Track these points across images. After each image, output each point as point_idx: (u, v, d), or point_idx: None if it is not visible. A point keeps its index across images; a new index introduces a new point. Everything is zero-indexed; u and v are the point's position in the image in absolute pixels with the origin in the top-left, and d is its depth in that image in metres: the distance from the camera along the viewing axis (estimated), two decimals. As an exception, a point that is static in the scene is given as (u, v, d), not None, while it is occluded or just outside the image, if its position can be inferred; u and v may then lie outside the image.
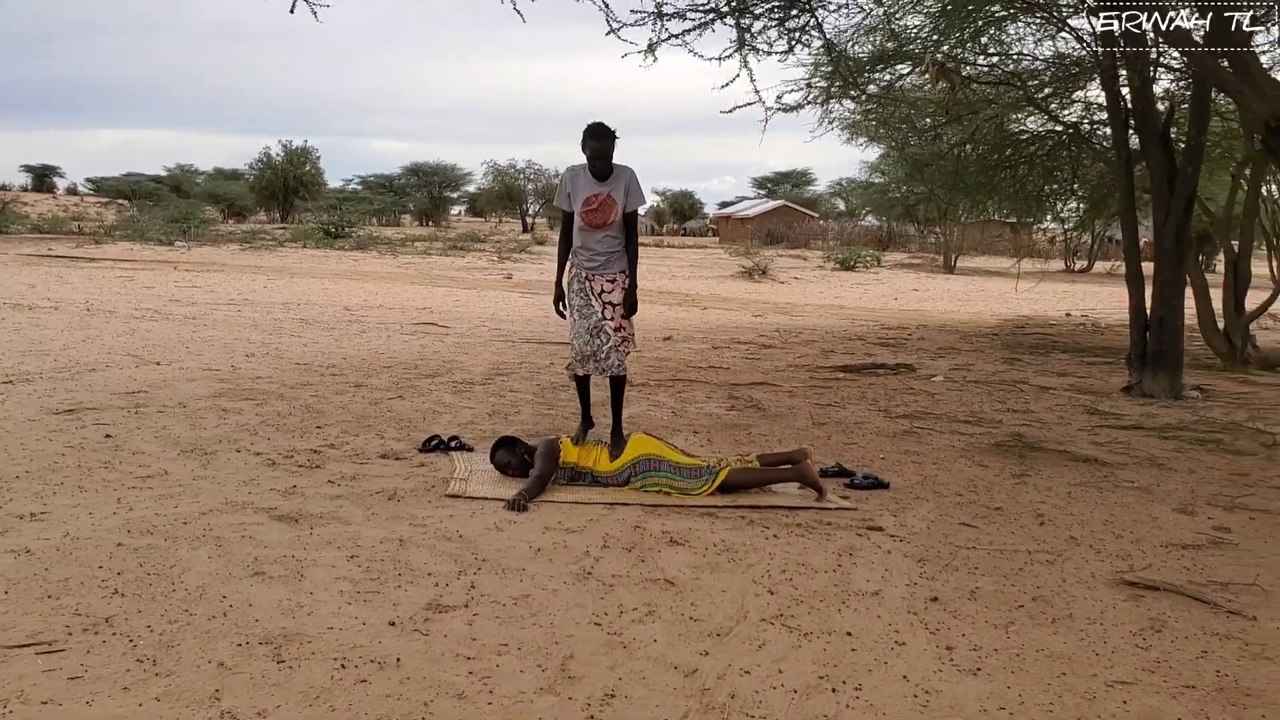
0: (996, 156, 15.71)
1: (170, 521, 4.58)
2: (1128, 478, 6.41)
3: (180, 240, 33.36)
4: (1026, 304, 22.76)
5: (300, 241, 37.61)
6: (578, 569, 4.24)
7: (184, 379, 8.33)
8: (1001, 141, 15.52)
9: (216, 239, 36.23)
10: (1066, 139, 14.85)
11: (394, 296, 18.08)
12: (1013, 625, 3.83)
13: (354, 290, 19.08)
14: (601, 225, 6.11)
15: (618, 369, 6.23)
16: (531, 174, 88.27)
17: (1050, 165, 15.86)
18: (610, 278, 6.20)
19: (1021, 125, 15.88)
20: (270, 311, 14.24)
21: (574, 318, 6.23)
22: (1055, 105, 14.70)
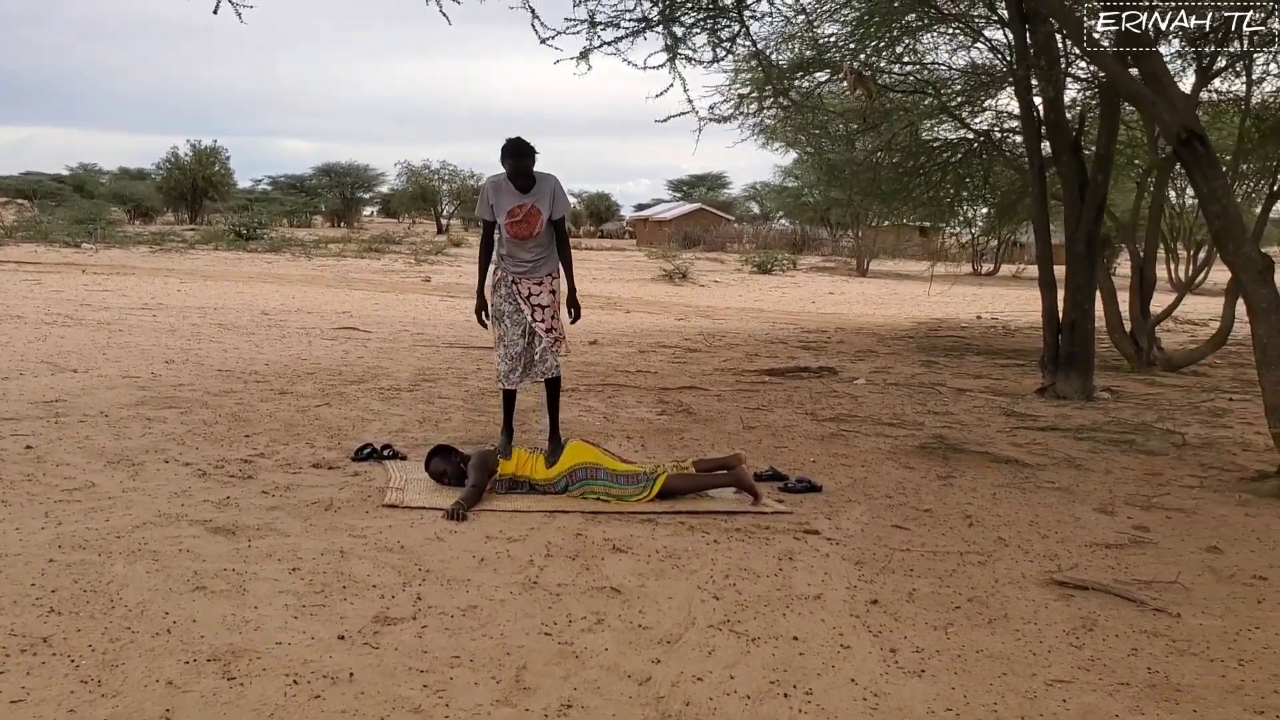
0: (911, 163, 16.02)
1: (102, 536, 4.48)
2: (1048, 479, 6.61)
3: (87, 242, 32.45)
4: (938, 307, 23.22)
5: (211, 243, 36.84)
6: (523, 578, 4.25)
7: (103, 387, 8.13)
8: (916, 149, 15.83)
9: (124, 241, 35.31)
10: (978, 146, 15.21)
11: (312, 300, 17.82)
12: (951, 627, 3.93)
13: (270, 294, 18.76)
14: (527, 236, 6.14)
15: (554, 370, 6.27)
16: (446, 175, 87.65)
17: (962, 172, 16.21)
18: (538, 280, 6.24)
19: (934, 133, 16.23)
20: (186, 316, 13.94)
21: (504, 325, 6.24)
22: (967, 114, 15.07)
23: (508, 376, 6.24)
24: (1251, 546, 5.25)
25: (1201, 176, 6.75)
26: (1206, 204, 6.82)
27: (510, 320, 6.19)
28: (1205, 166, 6.74)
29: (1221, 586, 4.58)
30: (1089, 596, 4.35)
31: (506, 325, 6.20)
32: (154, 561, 4.19)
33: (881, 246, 42.88)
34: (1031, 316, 21.08)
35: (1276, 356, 6.61)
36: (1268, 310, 6.64)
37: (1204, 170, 6.73)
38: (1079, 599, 4.33)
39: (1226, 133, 15.75)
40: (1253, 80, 12.29)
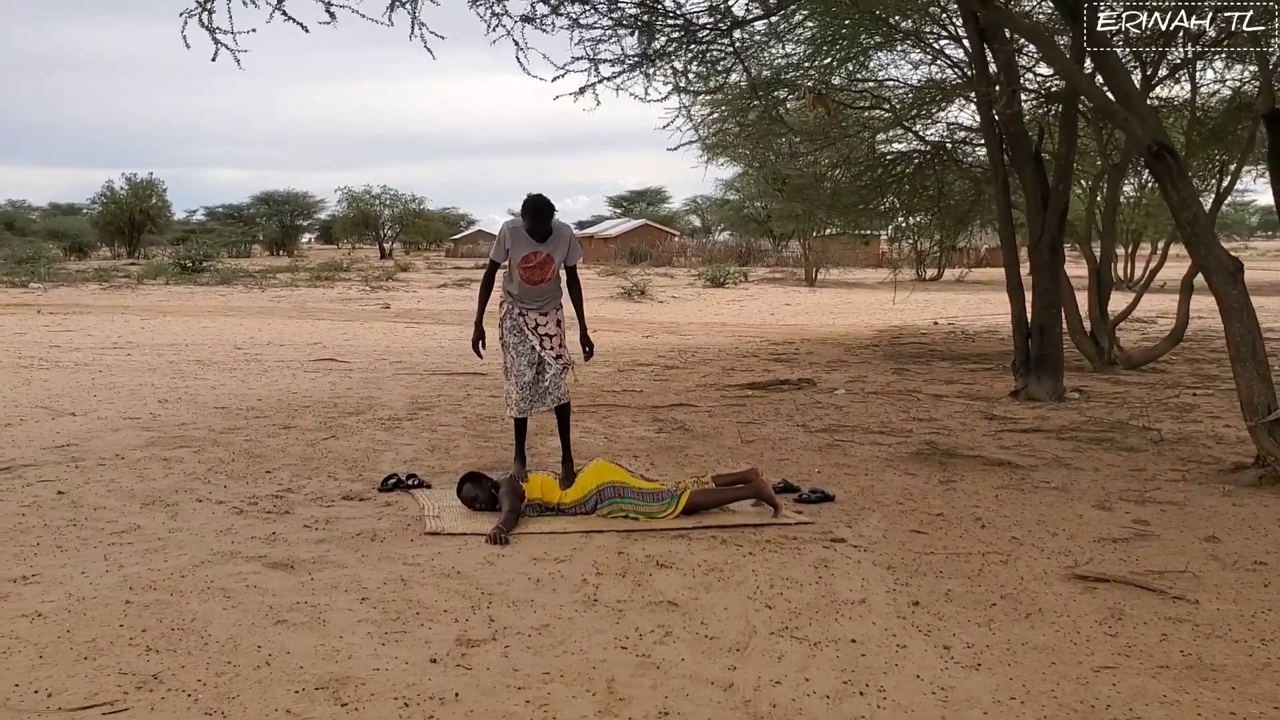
0: (868, 176, 16.42)
1: (167, 576, 4.61)
2: (1043, 479, 6.93)
3: (34, 282, 32.01)
4: (894, 315, 23.69)
5: (156, 277, 36.50)
6: (582, 597, 4.45)
7: (108, 429, 8.20)
8: (873, 162, 16.24)
9: (71, 279, 34.84)
10: (932, 157, 15.65)
11: (279, 332, 17.83)
12: (993, 623, 4.20)
13: (235, 327, 18.72)
14: (540, 281, 6.48)
15: (565, 396, 6.55)
16: (388, 199, 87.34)
17: (916, 183, 16.63)
18: (543, 311, 6.56)
19: (889, 146, 16.65)
20: (161, 354, 13.93)
21: (511, 356, 6.51)
22: (921, 126, 15.50)
23: (518, 405, 6.49)
24: (1246, 535, 5.59)
25: (1172, 186, 7.12)
26: (1178, 212, 7.20)
27: (516, 351, 6.47)
28: (1175, 177, 7.12)
29: (1228, 574, 4.89)
30: (1111, 588, 4.65)
31: (513, 356, 6.47)
32: (227, 598, 4.34)
33: (828, 256, 43.41)
34: (985, 320, 21.65)
35: (1249, 353, 6.99)
36: (1239, 309, 7.02)
37: (1174, 180, 7.11)
38: (1102, 591, 4.62)
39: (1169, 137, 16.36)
40: (1196, 86, 12.82)
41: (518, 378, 6.50)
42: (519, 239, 6.48)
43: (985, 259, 54.54)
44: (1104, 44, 7.12)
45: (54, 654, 3.71)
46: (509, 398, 6.59)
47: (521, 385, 6.49)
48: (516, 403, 6.54)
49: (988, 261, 55.76)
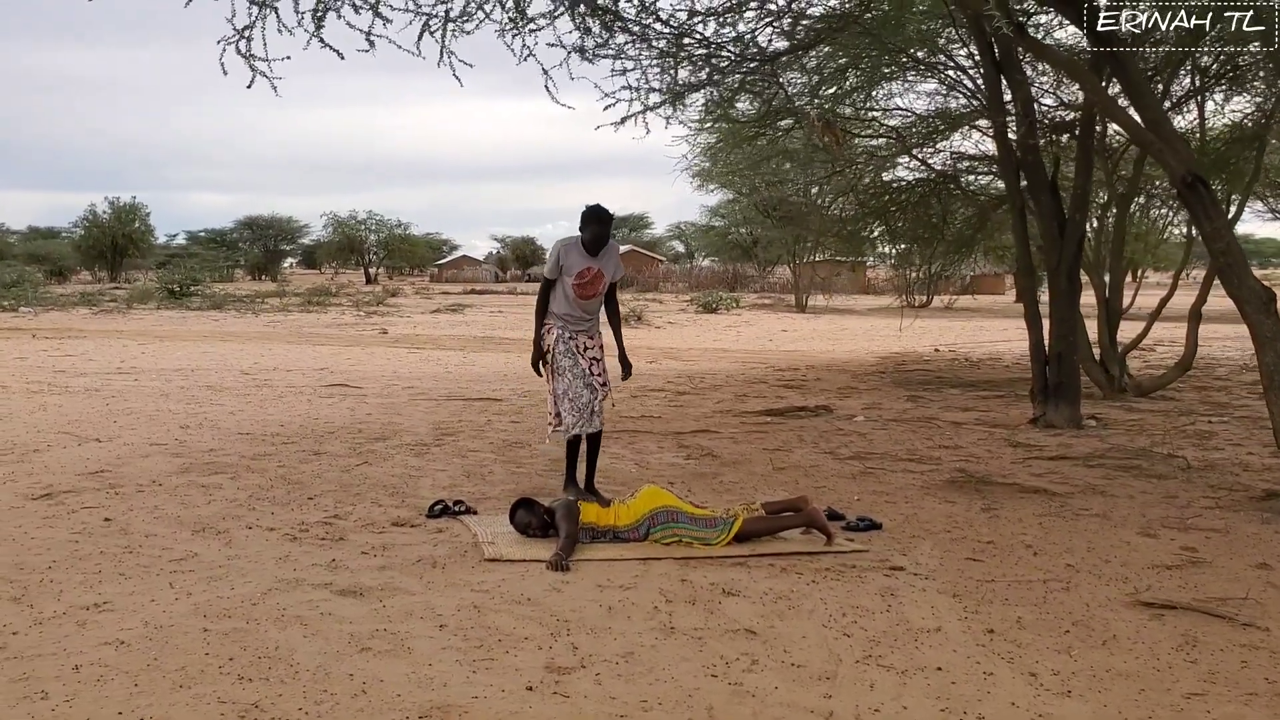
0: (873, 204, 16.55)
1: (238, 604, 4.59)
2: (1081, 506, 6.97)
3: (25, 306, 31.82)
4: (893, 341, 23.80)
5: (145, 302, 36.39)
6: (657, 624, 4.46)
7: (137, 456, 8.15)
8: (879, 190, 16.37)
9: (60, 303, 34.66)
10: (937, 185, 15.79)
11: (282, 358, 17.77)
12: (1072, 650, 4.22)
13: (237, 353, 18.65)
14: (592, 296, 6.61)
15: (602, 424, 6.66)
16: (373, 225, 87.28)
17: (921, 211, 16.76)
18: (590, 335, 6.71)
19: (893, 174, 16.79)
20: (170, 379, 13.87)
21: (567, 379, 6.57)
22: (928, 154, 15.63)
23: (576, 426, 6.55)
24: (1296, 562, 5.64)
25: (1205, 216, 7.22)
26: (1210, 242, 7.29)
27: (572, 374, 6.55)
28: (1209, 207, 7.22)
29: (1290, 600, 4.94)
30: (1179, 615, 4.68)
31: (569, 379, 6.54)
32: (304, 626, 4.32)
33: (827, 283, 43.70)
34: (986, 347, 21.79)
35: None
36: (1272, 339, 7.09)
37: (1207, 210, 7.21)
38: (1169, 618, 4.65)
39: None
40: (1204, 117, 12.99)
41: (573, 400, 6.57)
42: (573, 254, 6.64)
43: (971, 286, 55.07)
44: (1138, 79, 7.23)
45: (148, 683, 3.68)
46: (562, 420, 6.62)
47: (579, 408, 6.57)
48: (573, 425, 6.59)
49: (974, 289, 56.33)
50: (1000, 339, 24.95)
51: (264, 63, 7.81)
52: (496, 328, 27.81)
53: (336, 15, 7.70)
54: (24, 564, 5.16)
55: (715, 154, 24.16)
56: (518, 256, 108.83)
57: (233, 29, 7.70)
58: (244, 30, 7.73)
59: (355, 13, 7.68)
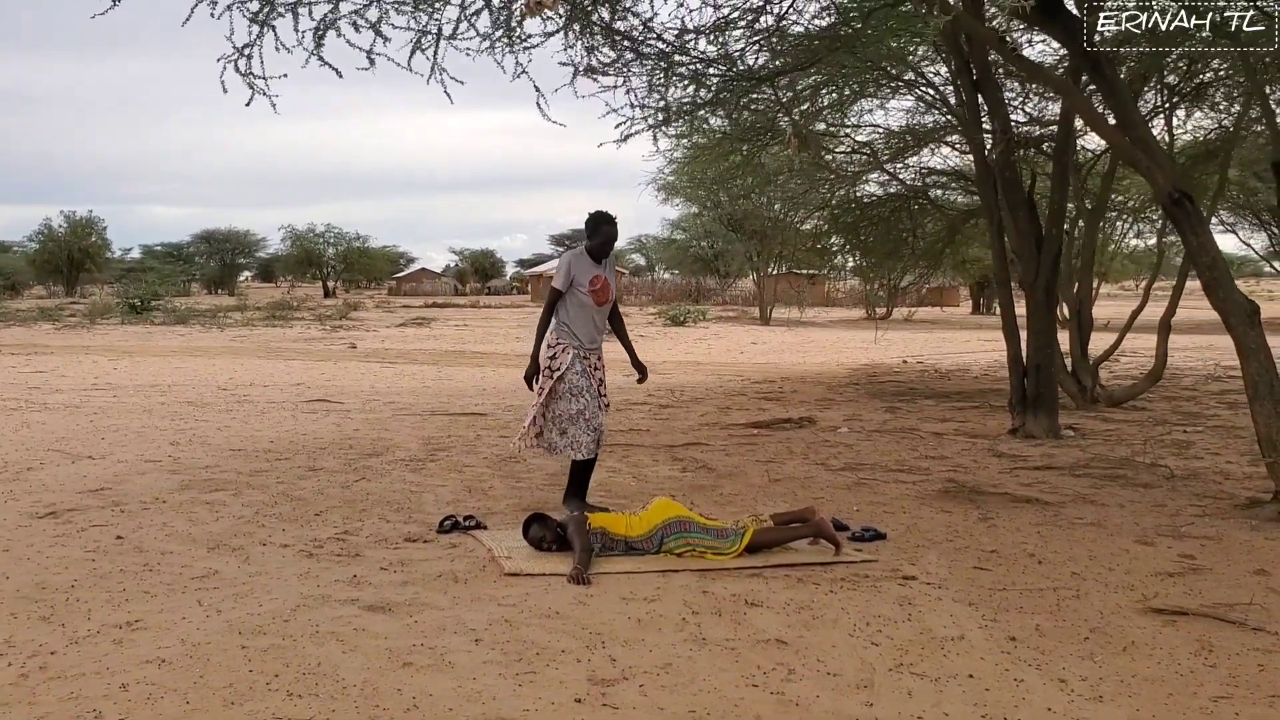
0: (847, 218, 16.77)
1: (269, 620, 4.62)
2: (1075, 515, 7.13)
3: (-15, 321, 31.40)
4: (861, 353, 24.06)
5: (104, 316, 36.00)
6: (688, 635, 4.53)
7: (134, 473, 8.12)
8: (852, 205, 16.61)
9: (20, 318, 34.20)
10: (909, 200, 16.04)
11: (256, 373, 17.67)
12: (1095, 656, 4.35)
13: (209, 368, 18.53)
14: (605, 302, 6.69)
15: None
16: (331, 237, 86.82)
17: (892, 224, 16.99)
18: (599, 354, 6.80)
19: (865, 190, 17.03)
20: (148, 395, 13.76)
21: (584, 400, 6.64)
22: (898, 169, 15.87)
23: (588, 448, 6.63)
24: (1291, 567, 5.82)
25: (1191, 231, 7.42)
26: (1196, 256, 7.49)
27: (589, 395, 6.61)
28: (1194, 223, 7.43)
29: (1293, 605, 5.10)
30: (1190, 621, 4.83)
31: (586, 400, 6.61)
32: (340, 642, 4.36)
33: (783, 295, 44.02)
34: (953, 359, 22.07)
35: (1267, 391, 7.28)
36: (1256, 350, 7.31)
37: (1193, 226, 7.41)
38: (1182, 624, 4.80)
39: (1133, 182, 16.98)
40: (1173, 133, 13.30)
41: (589, 420, 6.64)
42: (583, 264, 6.75)
43: (927, 299, 55.70)
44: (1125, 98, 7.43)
45: (200, 700, 3.71)
46: (576, 441, 6.68)
47: (594, 428, 6.65)
48: (587, 445, 6.67)
49: (929, 301, 56.98)
50: (964, 350, 25.27)
51: (262, 80, 7.85)
52: (466, 341, 27.77)
53: (337, 34, 7.74)
54: (45, 583, 5.15)
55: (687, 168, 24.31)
56: (477, 269, 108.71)
57: (232, 47, 7.72)
58: (243, 48, 7.75)
59: (356, 31, 7.72)
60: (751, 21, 8.94)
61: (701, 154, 15.74)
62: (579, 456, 6.76)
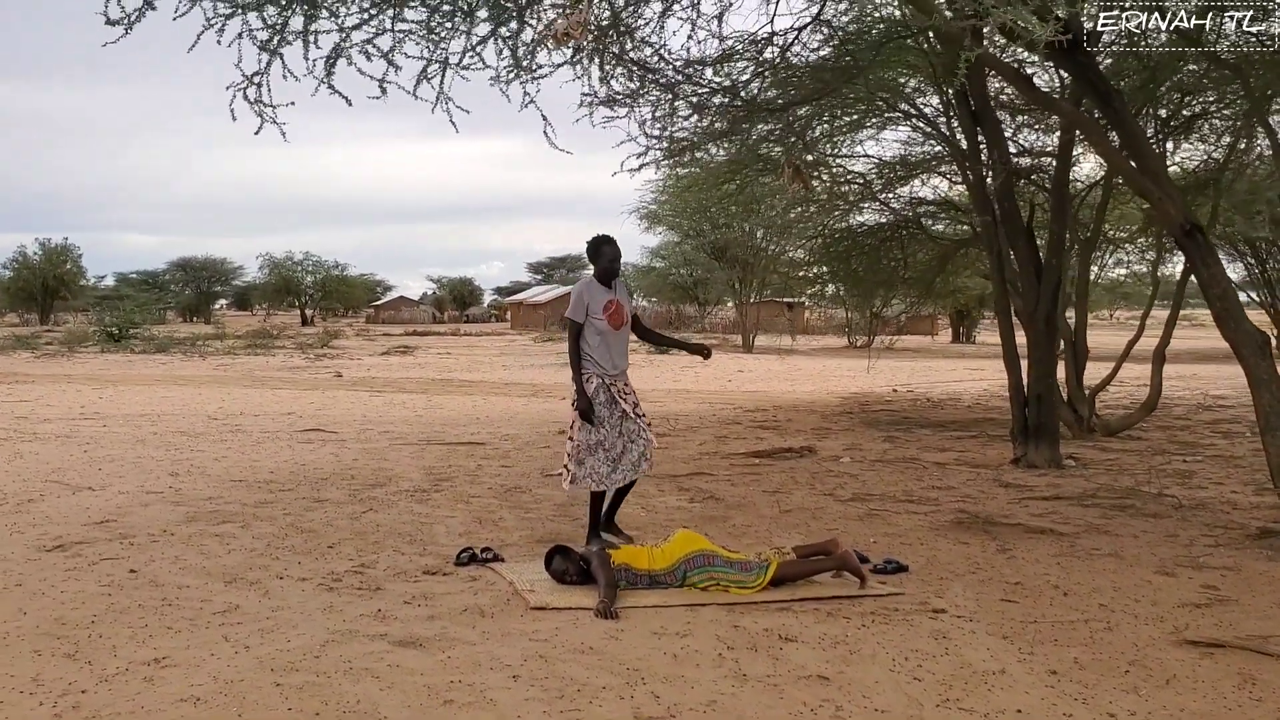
0: (839, 247, 16.84)
1: (300, 656, 4.53)
2: (1091, 546, 7.11)
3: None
4: (849, 381, 24.09)
5: (81, 344, 35.69)
6: (728, 672, 4.47)
7: (137, 505, 7.99)
8: (844, 234, 16.68)
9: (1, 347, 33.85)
10: (899, 230, 16.12)
11: (245, 402, 17.51)
12: (1139, 690, 4.32)
13: (196, 397, 18.35)
14: (621, 325, 6.71)
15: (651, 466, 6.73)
16: (310, 265, 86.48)
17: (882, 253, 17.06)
18: (625, 380, 6.72)
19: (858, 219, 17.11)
20: (138, 425, 13.60)
21: (604, 431, 6.59)
22: (891, 199, 15.96)
23: (605, 480, 6.57)
24: (1314, 598, 5.81)
25: (1202, 263, 7.46)
26: (1208, 287, 7.52)
27: (609, 425, 6.55)
28: (1205, 255, 7.47)
29: (1325, 636, 5.08)
30: (1228, 654, 4.80)
31: (606, 430, 6.55)
32: (376, 679, 4.28)
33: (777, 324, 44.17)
34: (941, 388, 22.12)
35: (1279, 422, 7.29)
36: (1268, 381, 7.34)
37: (1204, 258, 7.46)
38: (1220, 656, 4.77)
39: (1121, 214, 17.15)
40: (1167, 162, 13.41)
41: (608, 451, 6.59)
42: (595, 291, 6.76)
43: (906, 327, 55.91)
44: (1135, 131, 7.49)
45: (242, 741, 3.62)
46: (594, 472, 6.62)
47: (613, 459, 6.60)
48: (605, 476, 6.62)
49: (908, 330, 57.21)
50: (952, 379, 25.35)
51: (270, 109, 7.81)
52: (452, 370, 27.65)
53: (348, 63, 7.70)
54: (64, 619, 5.04)
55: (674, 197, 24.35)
56: (455, 297, 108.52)
57: (241, 74, 7.68)
58: (253, 76, 7.71)
59: (368, 60, 7.69)
60: (757, 54, 8.99)
61: (697, 182, 15.84)
62: (594, 488, 6.70)
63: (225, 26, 7.56)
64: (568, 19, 5.75)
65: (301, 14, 7.79)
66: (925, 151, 14.76)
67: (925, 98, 13.46)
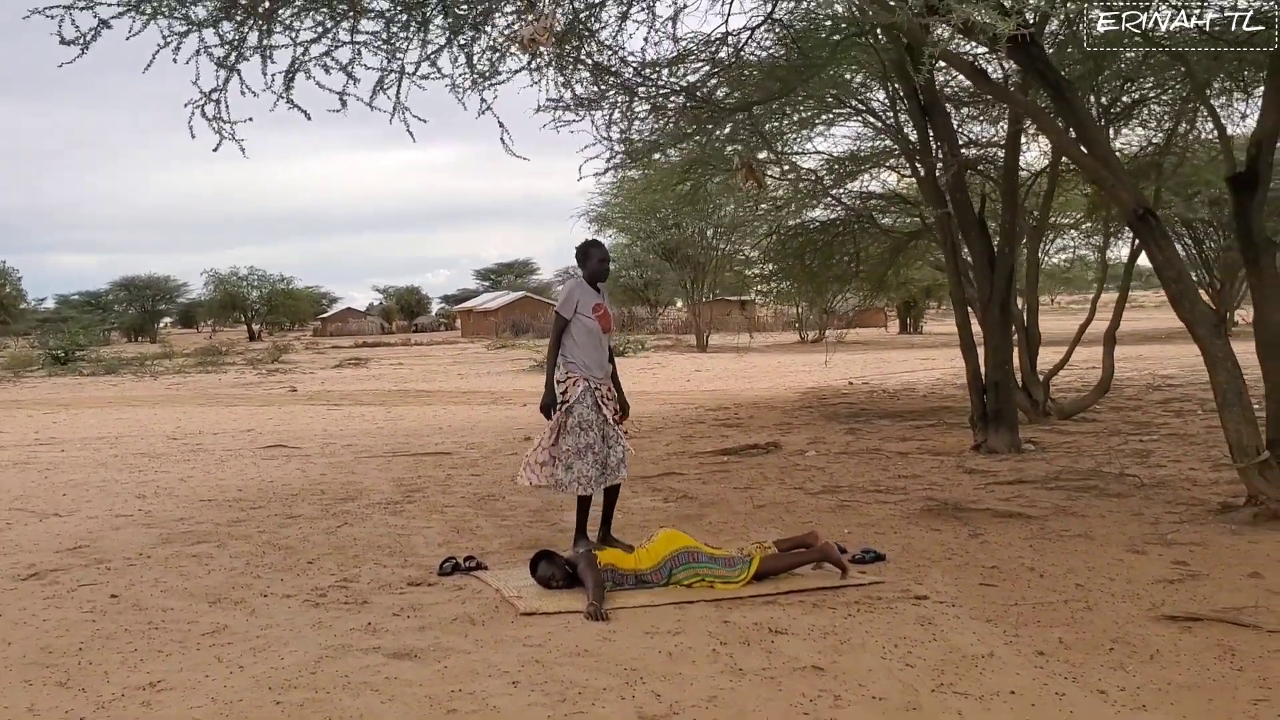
0: (794, 244, 16.97)
1: (296, 674, 4.52)
2: (1061, 527, 7.25)
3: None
4: (804, 376, 24.29)
5: (26, 368, 35.06)
6: (724, 667, 4.53)
7: (108, 529, 7.90)
8: (797, 231, 16.82)
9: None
10: (851, 224, 16.29)
11: (201, 421, 17.32)
12: (1126, 666, 4.43)
13: (152, 417, 18.13)
14: (609, 329, 6.71)
15: (626, 473, 6.71)
16: (256, 280, 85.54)
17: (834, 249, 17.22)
18: (609, 386, 6.74)
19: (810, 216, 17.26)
20: (96, 448, 13.41)
21: (592, 435, 6.61)
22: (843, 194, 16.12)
23: (594, 483, 6.60)
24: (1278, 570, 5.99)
25: (1156, 247, 7.64)
26: (1162, 270, 7.70)
27: (597, 429, 6.58)
28: (1159, 238, 7.65)
29: (1295, 605, 5.24)
30: (1206, 627, 4.94)
31: (594, 435, 6.58)
32: (376, 692, 4.28)
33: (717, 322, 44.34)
34: (895, 379, 22.37)
35: (1235, 399, 7.49)
36: (1223, 359, 7.53)
37: (1158, 241, 7.64)
38: (1199, 630, 4.91)
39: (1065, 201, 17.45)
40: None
41: (597, 455, 6.61)
42: (585, 292, 6.78)
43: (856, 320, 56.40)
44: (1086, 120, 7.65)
45: (251, 760, 3.62)
46: (582, 476, 6.64)
47: (600, 463, 6.62)
48: (592, 480, 6.64)
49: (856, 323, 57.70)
50: (904, 370, 25.65)
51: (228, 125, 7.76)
52: (407, 380, 27.52)
53: (306, 76, 7.68)
54: (50, 647, 4.99)
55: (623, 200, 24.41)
56: (403, 307, 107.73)
57: (199, 91, 7.62)
58: (211, 93, 7.65)
59: (326, 73, 7.67)
60: (713, 54, 9.07)
61: (652, 184, 15.91)
62: (583, 492, 6.73)
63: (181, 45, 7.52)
64: (533, 25, 5.79)
65: (257, 29, 7.77)
66: (874, 146, 14.93)
67: (872, 93, 13.62)
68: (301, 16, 7.86)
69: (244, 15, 7.63)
